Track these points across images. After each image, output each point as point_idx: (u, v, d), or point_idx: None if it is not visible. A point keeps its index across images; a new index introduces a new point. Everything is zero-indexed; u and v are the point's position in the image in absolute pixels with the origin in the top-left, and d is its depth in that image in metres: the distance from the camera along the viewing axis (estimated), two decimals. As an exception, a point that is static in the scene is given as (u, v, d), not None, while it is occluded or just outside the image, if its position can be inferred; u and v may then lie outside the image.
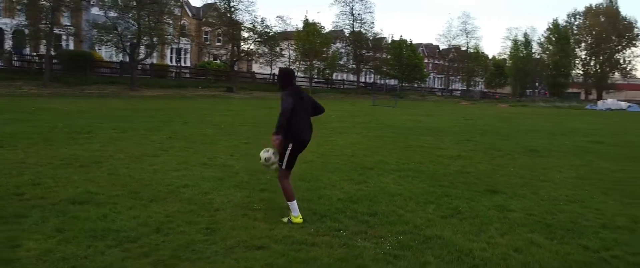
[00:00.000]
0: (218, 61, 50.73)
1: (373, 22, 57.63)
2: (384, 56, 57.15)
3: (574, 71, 76.53)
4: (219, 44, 54.13)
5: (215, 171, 7.43)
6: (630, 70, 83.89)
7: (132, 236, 4.21)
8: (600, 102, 50.03)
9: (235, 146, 10.45)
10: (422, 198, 6.07)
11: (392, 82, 62.74)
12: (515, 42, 68.24)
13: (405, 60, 54.96)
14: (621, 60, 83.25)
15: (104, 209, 4.99)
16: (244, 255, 3.91)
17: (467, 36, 67.40)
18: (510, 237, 4.61)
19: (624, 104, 48.56)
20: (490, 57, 74.72)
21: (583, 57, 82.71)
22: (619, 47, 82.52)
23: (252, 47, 43.34)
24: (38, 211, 4.84)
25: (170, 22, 41.81)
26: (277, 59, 46.45)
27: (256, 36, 43.02)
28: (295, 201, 4.92)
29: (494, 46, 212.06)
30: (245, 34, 43.30)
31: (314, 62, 47.66)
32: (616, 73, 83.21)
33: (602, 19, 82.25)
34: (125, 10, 35.41)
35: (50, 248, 3.82)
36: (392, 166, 8.50)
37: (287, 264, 3.76)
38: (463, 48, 68.70)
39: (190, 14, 54.17)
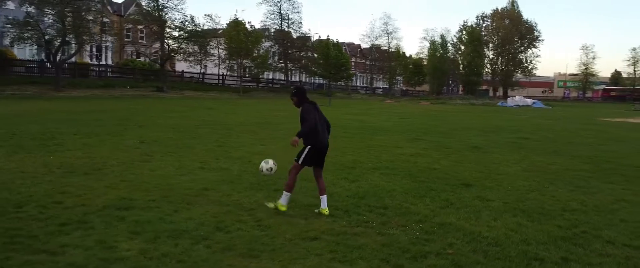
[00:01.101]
0: (143, 59, 49.27)
1: (301, 22, 58.94)
2: (311, 55, 58.44)
3: (483, 70, 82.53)
4: (142, 41, 52.57)
5: (219, 174, 8.00)
6: (532, 69, 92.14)
7: (202, 234, 4.82)
8: (509, 99, 54.70)
9: (213, 149, 10.92)
10: (414, 192, 7.10)
11: (318, 80, 64.31)
12: (433, 42, 72.41)
13: (333, 59, 56.58)
14: (524, 60, 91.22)
15: (155, 213, 5.49)
16: (307, 245, 4.67)
17: (388, 36, 70.64)
18: (502, 221, 5.74)
19: (529, 101, 53.56)
20: (409, 56, 78.61)
21: (491, 56, 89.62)
22: (522, 48, 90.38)
23: (182, 45, 42.63)
24: (95, 217, 5.25)
25: (91, 18, 40.12)
26: (207, 58, 46.08)
27: (186, 35, 42.40)
28: (291, 194, 5.75)
29: (413, 46, 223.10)
30: (175, 33, 42.56)
31: (244, 61, 47.75)
32: (519, 72, 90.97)
33: (507, 22, 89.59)
34: (41, 4, 33.47)
35: (144, 248, 4.36)
36: (370, 165, 9.50)
37: (346, 250, 4.58)
38: (384, 48, 71.84)
39: (110, 10, 52.07)
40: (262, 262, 4.22)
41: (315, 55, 58.74)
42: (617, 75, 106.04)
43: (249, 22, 51.37)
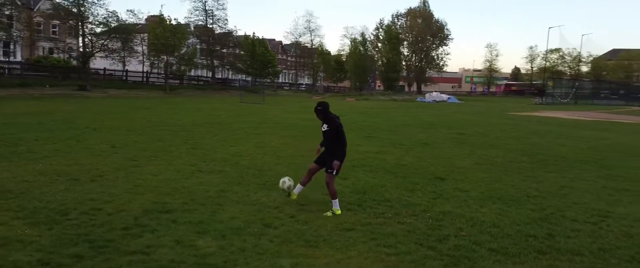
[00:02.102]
0: (59, 56, 46.58)
1: (226, 19, 58.37)
2: (237, 52, 58.28)
3: (401, 67, 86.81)
4: (56, 36, 49.65)
5: (220, 177, 8.54)
6: (443, 65, 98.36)
7: (257, 231, 5.50)
8: (427, 95, 58.25)
9: (191, 152, 11.28)
10: (404, 187, 8.17)
11: (243, 77, 64.27)
12: (353, 40, 74.87)
13: (259, 56, 56.84)
14: (435, 57, 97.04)
15: (198, 214, 6.06)
16: (349, 235, 5.53)
17: (311, 34, 72.07)
18: (487, 208, 6.94)
19: (445, 96, 57.44)
20: (331, 53, 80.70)
21: (406, 54, 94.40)
22: (434, 46, 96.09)
23: (105, 42, 40.91)
24: (147, 220, 5.73)
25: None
26: (131, 55, 44.59)
27: (109, 31, 40.75)
28: (338, 199, 6.55)
29: (334, 43, 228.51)
30: (97, 29, 40.75)
31: (170, 58, 46.76)
32: (432, 68, 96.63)
33: (420, 21, 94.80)
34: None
35: (220, 245, 4.98)
36: (348, 163, 10.43)
37: (381, 237, 5.49)
38: (307, 45, 73.27)
39: (18, 3, 48.49)
40: (323, 249, 5.03)
41: (241, 52, 58.68)
42: (516, 71, 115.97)
43: (175, 19, 50.31)
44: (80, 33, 40.27)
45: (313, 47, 72.74)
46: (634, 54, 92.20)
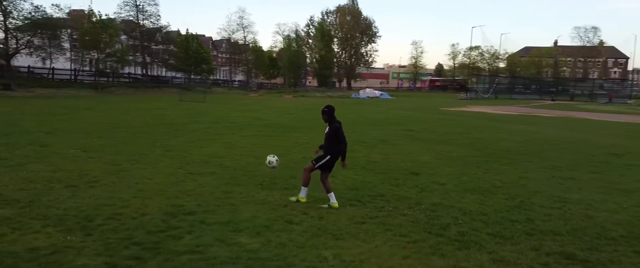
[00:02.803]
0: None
1: (159, 15, 56.41)
2: (171, 48, 56.83)
3: (334, 63, 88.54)
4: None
5: (215, 178, 8.88)
6: (372, 62, 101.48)
7: (283, 227, 6.03)
8: (361, 91, 59.96)
9: (168, 155, 11.43)
10: (389, 182, 8.96)
11: (175, 74, 62.78)
12: (287, 37, 75.39)
13: (193, 53, 55.83)
14: (365, 54, 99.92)
15: (220, 215, 6.46)
16: (365, 227, 6.19)
17: (244, 30, 71.70)
18: (468, 199, 7.88)
19: (377, 93, 59.49)
20: (265, 49, 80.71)
21: (336, 50, 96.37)
22: (363, 43, 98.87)
23: (31, 38, 38.55)
24: (176, 222, 6.07)
25: None
26: (58, 52, 42.33)
27: (34, 26, 38.44)
28: (333, 193, 7.22)
29: (267, 40, 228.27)
30: (20, 23, 38.24)
31: (101, 56, 44.83)
32: (361, 64, 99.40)
33: (348, 18, 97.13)
34: None
35: (261, 241, 5.47)
36: None
37: (393, 227, 6.20)
38: (241, 41, 72.82)
39: None
40: (350, 241, 5.66)
41: (175, 48, 57.31)
42: (440, 67, 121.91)
43: (105, 14, 48.21)
44: (3, 29, 37.65)
45: (247, 43, 72.45)
46: (544, 51, 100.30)
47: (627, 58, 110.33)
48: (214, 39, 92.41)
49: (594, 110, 42.98)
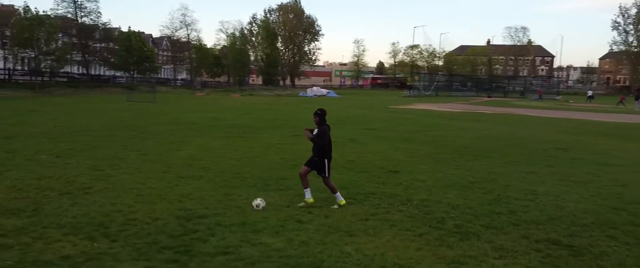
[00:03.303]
0: None
1: (99, 11, 53.74)
2: (112, 46, 54.77)
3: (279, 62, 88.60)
4: None
5: (206, 182, 9.07)
6: (315, 60, 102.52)
7: (297, 227, 6.39)
8: (309, 90, 60.52)
9: (145, 159, 11.41)
10: (374, 181, 9.49)
11: (115, 73, 60.65)
12: (232, 35, 74.65)
13: (136, 51, 54.14)
14: (308, 52, 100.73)
15: (231, 218, 6.73)
16: (369, 224, 6.66)
17: (187, 28, 70.32)
18: (451, 194, 8.54)
19: (324, 91, 60.35)
20: (209, 47, 79.48)
21: (280, 48, 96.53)
22: (306, 41, 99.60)
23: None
24: (193, 225, 6.29)
25: None
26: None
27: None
28: (338, 192, 7.68)
29: (210, 38, 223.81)
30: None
31: (38, 54, 42.58)
32: (305, 63, 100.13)
33: (291, 16, 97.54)
34: None
35: (284, 240, 5.81)
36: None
37: (396, 222, 6.71)
38: (184, 39, 71.34)
39: None
40: (363, 237, 6.12)
41: (116, 46, 55.31)
42: (381, 65, 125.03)
43: (43, 11, 45.71)
44: None
45: (191, 41, 71.08)
46: (479, 49, 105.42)
47: (553, 56, 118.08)
48: (154, 37, 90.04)
49: (528, 106, 45.91)
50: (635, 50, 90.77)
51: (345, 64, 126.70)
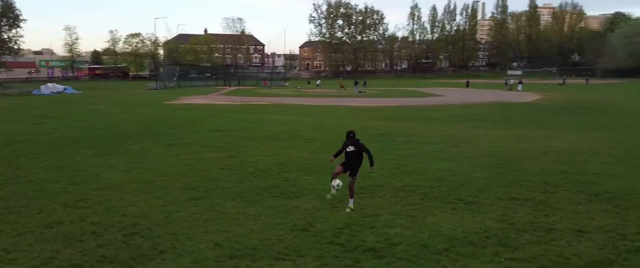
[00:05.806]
0: None
1: None
2: None
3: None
4: None
5: (202, 182, 10.69)
6: (19, 49, 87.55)
7: (384, 223, 8.84)
8: (43, 87, 52.49)
9: (132, 164, 11.07)
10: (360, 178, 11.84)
11: None
12: None
13: None
14: (8, 40, 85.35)
15: (336, 222, 8.64)
16: (380, 219, 8.72)
17: None
18: (407, 179, 11.92)
19: (61, 87, 53.80)
20: None
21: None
22: (6, 28, 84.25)
23: None
24: (342, 230, 8.05)
25: None
26: None
27: None
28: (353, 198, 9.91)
29: None
30: None
31: None
32: (6, 53, 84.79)
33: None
34: None
35: (398, 232, 8.11)
36: (292, 166, 12.92)
37: (411, 212, 9.49)
38: None
39: None
40: (419, 218, 8.74)
41: None
42: (97, 54, 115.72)
43: None
44: None
45: None
46: (202, 38, 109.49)
47: (264, 45, 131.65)
48: None
49: (278, 94, 51.46)
50: (328, 40, 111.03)
51: (45, 50, 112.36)
